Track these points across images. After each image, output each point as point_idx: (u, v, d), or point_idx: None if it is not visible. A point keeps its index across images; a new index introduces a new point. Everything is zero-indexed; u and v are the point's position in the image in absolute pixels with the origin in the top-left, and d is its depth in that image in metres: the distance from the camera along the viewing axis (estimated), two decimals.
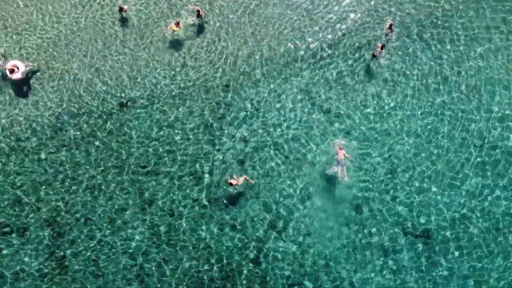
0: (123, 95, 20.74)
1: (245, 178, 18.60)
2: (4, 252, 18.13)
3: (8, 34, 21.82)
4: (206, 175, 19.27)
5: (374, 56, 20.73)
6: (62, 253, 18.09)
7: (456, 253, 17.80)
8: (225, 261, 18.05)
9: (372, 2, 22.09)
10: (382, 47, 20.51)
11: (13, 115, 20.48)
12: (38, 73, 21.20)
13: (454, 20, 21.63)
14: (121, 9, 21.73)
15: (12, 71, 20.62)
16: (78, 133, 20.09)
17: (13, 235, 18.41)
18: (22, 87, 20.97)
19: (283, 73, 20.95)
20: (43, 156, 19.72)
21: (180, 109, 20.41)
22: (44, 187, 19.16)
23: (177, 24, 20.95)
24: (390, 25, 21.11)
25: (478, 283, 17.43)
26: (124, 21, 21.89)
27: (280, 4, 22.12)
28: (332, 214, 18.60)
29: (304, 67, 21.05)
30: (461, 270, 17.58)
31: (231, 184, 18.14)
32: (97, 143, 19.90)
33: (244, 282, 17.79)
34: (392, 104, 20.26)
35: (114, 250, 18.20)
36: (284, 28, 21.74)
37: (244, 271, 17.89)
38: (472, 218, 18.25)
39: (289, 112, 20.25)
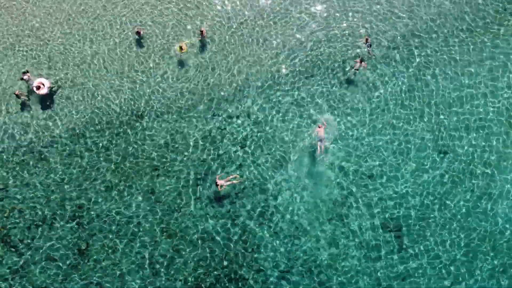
0: (139, 107, 23.93)
1: (231, 178, 21.63)
2: (36, 242, 21.29)
3: (39, 54, 25.12)
4: (207, 176, 22.26)
5: (354, 69, 23.61)
6: (84, 243, 21.20)
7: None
8: (222, 250, 21.03)
9: (352, 21, 25.15)
10: (361, 61, 23.43)
11: (40, 125, 23.59)
12: (60, 89, 24.35)
13: (428, 39, 24.63)
14: (137, 33, 24.90)
15: (38, 87, 23.76)
16: (100, 140, 23.22)
17: (44, 226, 21.55)
18: (47, 101, 24.10)
19: (271, 87, 24.02)
20: (68, 160, 22.81)
21: (187, 119, 23.47)
22: (69, 186, 22.28)
23: (181, 47, 24.06)
24: (367, 40, 23.99)
25: None
26: (139, 43, 25.10)
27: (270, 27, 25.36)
28: (319, 206, 21.57)
29: (291, 82, 24.10)
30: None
31: (217, 184, 21.21)
32: (116, 148, 23.01)
33: (241, 270, 20.70)
34: (371, 113, 23.22)
35: (129, 241, 21.24)
36: (273, 48, 24.89)
37: (240, 260, 20.80)
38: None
39: (279, 121, 23.28)
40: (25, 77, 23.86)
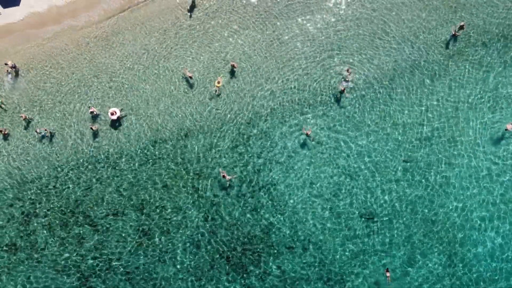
0: (186, 128, 31.45)
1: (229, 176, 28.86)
2: (110, 227, 28.92)
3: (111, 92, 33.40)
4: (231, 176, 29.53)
5: (341, 92, 30.68)
6: (147, 228, 28.65)
7: None
8: (240, 232, 28.15)
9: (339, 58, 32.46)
10: (343, 88, 30.51)
11: (111, 142, 31.46)
12: (127, 116, 32.32)
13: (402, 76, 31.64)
14: (185, 73, 32.75)
15: (112, 114, 31.86)
16: (157, 152, 30.91)
17: (113, 216, 29.29)
18: (117, 124, 32.05)
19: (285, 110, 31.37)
20: (133, 167, 30.56)
21: (217, 136, 30.82)
22: (133, 186, 29.92)
23: (218, 82, 31.84)
24: (348, 69, 30.94)
25: None
26: (187, 80, 32.75)
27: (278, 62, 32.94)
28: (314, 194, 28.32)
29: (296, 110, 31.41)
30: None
31: (224, 176, 28.46)
32: (167, 158, 30.66)
33: (256, 246, 27.62)
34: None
35: (179, 223, 28.64)
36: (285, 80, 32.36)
37: (254, 238, 27.81)
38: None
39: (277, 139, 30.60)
40: (93, 111, 31.98)
